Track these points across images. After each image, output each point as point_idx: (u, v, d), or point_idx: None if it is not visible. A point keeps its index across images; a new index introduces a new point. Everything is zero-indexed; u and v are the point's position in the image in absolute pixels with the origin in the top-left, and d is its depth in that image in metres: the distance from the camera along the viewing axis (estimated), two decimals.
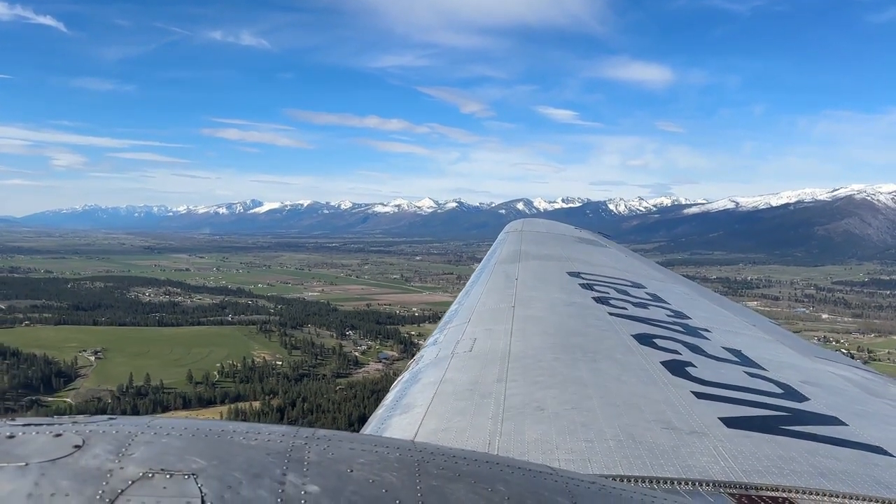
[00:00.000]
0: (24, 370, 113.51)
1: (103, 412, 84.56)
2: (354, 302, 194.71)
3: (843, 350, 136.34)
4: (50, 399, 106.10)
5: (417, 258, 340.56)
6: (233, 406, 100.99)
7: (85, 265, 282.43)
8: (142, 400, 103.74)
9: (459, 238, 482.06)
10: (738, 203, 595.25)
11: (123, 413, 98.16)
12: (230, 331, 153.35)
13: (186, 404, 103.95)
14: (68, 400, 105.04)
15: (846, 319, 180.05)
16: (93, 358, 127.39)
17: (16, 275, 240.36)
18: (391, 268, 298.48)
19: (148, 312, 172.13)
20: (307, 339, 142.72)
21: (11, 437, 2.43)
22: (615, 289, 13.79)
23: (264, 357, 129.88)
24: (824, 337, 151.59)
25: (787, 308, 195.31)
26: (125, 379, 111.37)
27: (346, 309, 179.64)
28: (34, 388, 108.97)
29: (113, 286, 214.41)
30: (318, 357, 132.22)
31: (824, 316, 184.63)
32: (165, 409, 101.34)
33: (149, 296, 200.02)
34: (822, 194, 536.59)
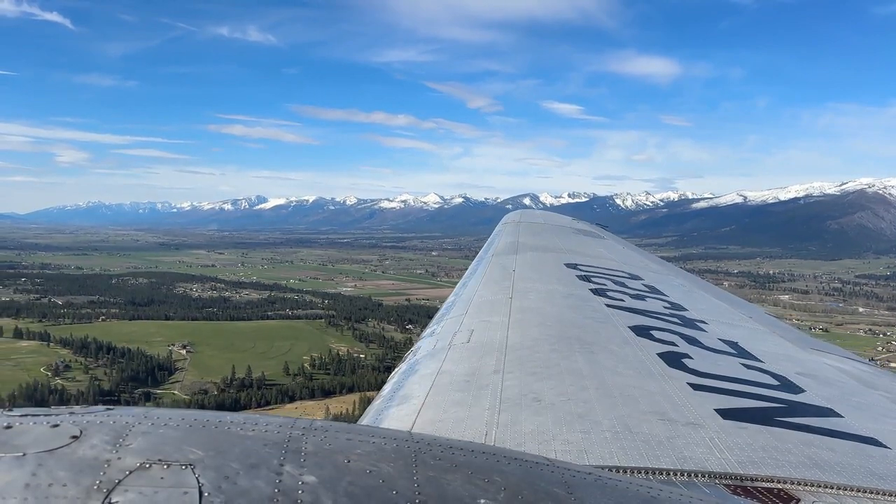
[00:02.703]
0: (128, 364, 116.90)
1: (239, 404, 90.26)
2: (393, 297, 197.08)
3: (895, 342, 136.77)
4: (159, 391, 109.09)
5: (434, 253, 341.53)
6: (363, 395, 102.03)
7: (110, 261, 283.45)
8: (267, 390, 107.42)
9: (468, 233, 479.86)
10: (746, 197, 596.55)
11: (258, 404, 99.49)
12: (300, 325, 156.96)
13: (312, 394, 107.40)
14: (176, 392, 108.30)
15: (883, 312, 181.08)
16: (184, 351, 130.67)
17: (48, 271, 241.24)
18: (411, 263, 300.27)
19: (202, 307, 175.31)
20: (376, 333, 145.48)
21: (9, 427, 2.42)
22: (612, 280, 13.79)
23: (348, 350, 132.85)
24: (869, 330, 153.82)
25: (819, 302, 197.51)
26: (221, 371, 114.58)
27: (389, 304, 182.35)
28: (142, 380, 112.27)
29: (156, 282, 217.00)
30: (395, 350, 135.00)
31: (861, 309, 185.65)
32: (292, 399, 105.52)
33: (196, 291, 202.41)
34: (831, 188, 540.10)
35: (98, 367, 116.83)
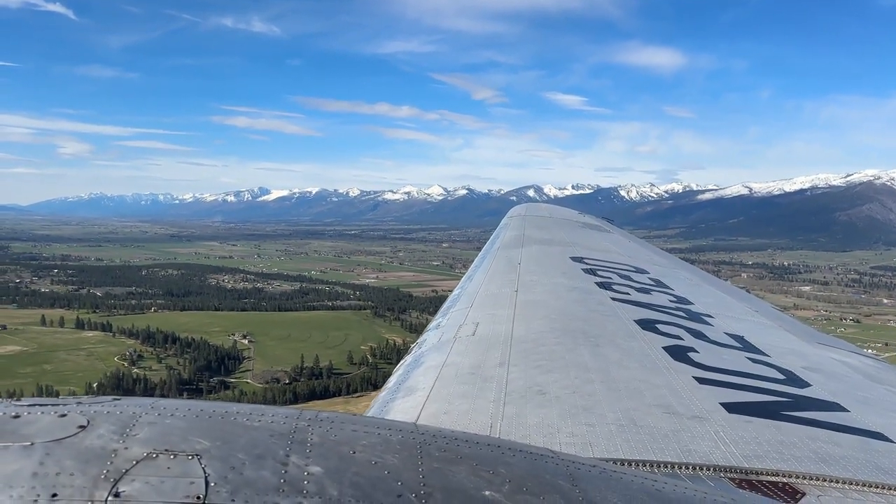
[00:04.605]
0: (199, 353, 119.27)
1: (329, 392, 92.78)
2: (418, 288, 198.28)
3: None
4: (232, 380, 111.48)
5: (444, 245, 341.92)
6: None
7: (126, 253, 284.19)
8: (345, 377, 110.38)
9: (473, 225, 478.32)
10: (751, 189, 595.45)
11: (347, 392, 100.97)
12: (347, 315, 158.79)
13: None
14: (249, 381, 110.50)
15: None
16: (246, 341, 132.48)
17: (71, 262, 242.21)
18: (425, 254, 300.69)
19: (240, 298, 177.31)
20: (422, 324, 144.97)
21: (17, 416, 2.45)
22: (618, 274, 13.75)
23: (403, 340, 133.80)
24: None
25: (842, 293, 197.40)
26: (286, 360, 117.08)
27: (418, 294, 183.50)
28: (214, 370, 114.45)
29: (187, 273, 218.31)
30: None
31: (885, 301, 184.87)
32: (375, 388, 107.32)
33: (229, 282, 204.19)
34: (836, 180, 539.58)
35: (168, 357, 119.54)
